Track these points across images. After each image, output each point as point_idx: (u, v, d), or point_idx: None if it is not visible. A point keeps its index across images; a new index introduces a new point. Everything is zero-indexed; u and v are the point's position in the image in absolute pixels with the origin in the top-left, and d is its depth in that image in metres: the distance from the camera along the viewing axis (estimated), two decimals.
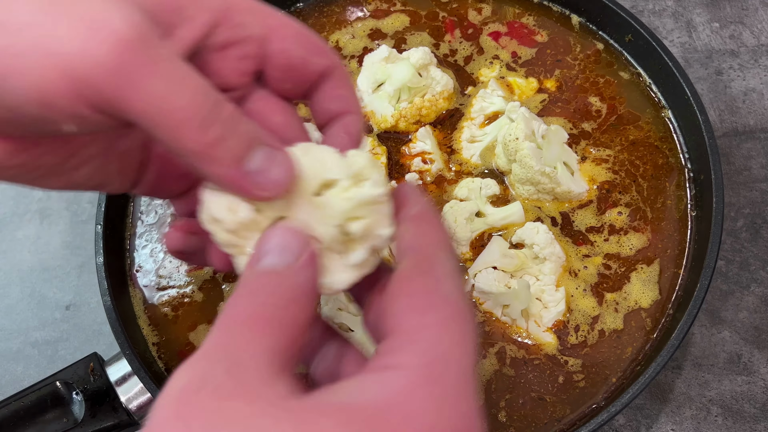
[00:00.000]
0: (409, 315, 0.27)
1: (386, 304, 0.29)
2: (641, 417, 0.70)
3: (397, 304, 0.28)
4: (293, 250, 0.30)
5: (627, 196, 0.69)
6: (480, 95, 0.74)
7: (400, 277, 0.29)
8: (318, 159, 0.32)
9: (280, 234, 0.31)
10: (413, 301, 0.28)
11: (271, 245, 0.30)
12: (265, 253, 0.30)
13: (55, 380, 0.64)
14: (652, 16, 0.94)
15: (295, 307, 0.28)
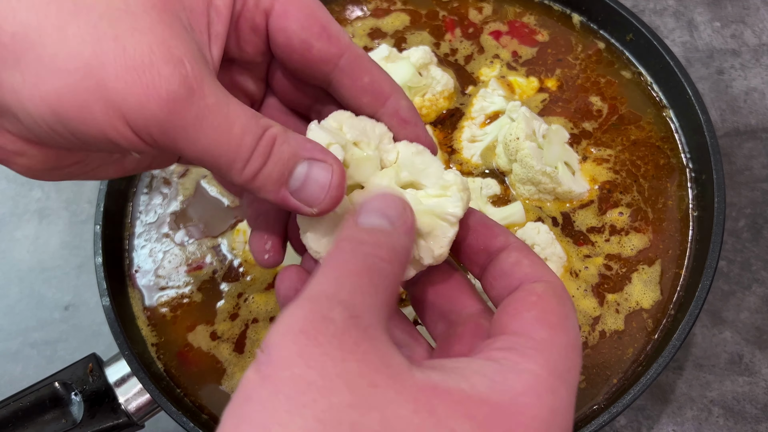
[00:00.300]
0: (542, 326, 0.29)
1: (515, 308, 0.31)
2: (642, 418, 0.70)
3: (528, 312, 0.30)
4: (396, 213, 0.31)
5: (628, 197, 0.68)
6: (480, 94, 0.74)
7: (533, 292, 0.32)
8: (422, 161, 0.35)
9: (384, 197, 0.32)
10: (547, 317, 0.30)
11: (374, 206, 0.31)
12: (369, 212, 0.31)
13: (53, 381, 0.63)
14: (654, 15, 0.93)
15: (398, 266, 0.30)
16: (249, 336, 0.66)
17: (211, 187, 0.74)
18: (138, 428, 0.65)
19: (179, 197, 0.74)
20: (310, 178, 0.33)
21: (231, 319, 0.67)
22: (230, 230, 0.71)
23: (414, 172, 0.36)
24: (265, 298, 0.67)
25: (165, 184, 0.75)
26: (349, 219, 0.32)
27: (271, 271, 0.68)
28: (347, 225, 0.31)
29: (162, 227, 0.73)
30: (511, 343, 0.29)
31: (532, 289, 0.32)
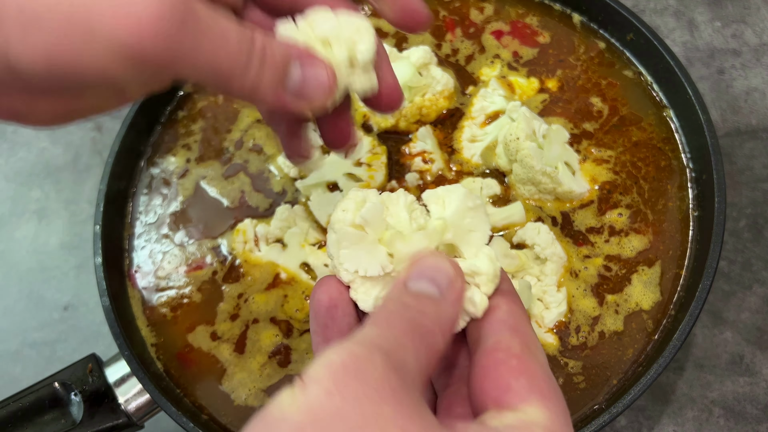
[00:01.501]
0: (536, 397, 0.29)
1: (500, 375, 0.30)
2: (643, 418, 0.70)
3: (517, 381, 0.30)
4: (447, 282, 0.32)
5: (628, 198, 0.68)
6: (481, 94, 0.73)
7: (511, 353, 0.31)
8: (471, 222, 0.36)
9: (436, 263, 0.32)
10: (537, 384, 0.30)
11: (425, 271, 0.32)
12: (419, 277, 0.32)
13: (53, 381, 0.63)
14: (654, 14, 0.93)
15: (441, 335, 0.30)
16: (249, 336, 0.66)
17: (210, 188, 0.74)
18: (138, 428, 0.65)
19: (179, 197, 0.74)
20: (307, 77, 0.34)
21: (231, 319, 0.67)
22: (230, 230, 0.71)
23: (459, 234, 0.35)
24: (265, 299, 0.67)
25: (165, 184, 0.75)
26: (399, 280, 0.32)
27: (270, 271, 0.68)
28: (396, 286, 0.32)
29: (162, 227, 0.73)
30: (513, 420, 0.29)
31: (509, 347, 0.31)
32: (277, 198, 0.73)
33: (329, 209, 0.68)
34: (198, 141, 0.77)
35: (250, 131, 0.77)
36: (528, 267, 0.64)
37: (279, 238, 0.69)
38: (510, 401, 0.29)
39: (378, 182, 0.70)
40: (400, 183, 0.70)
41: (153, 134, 0.78)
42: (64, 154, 0.94)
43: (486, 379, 0.30)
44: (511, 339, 0.32)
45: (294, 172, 0.72)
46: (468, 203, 0.35)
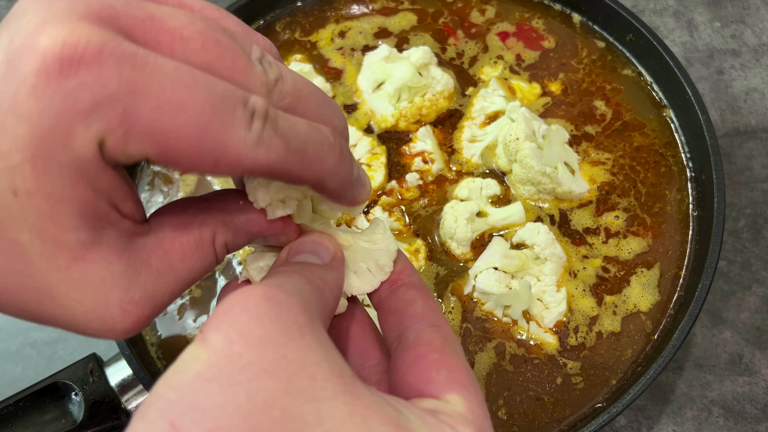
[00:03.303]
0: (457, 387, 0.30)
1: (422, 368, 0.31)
2: (642, 418, 0.70)
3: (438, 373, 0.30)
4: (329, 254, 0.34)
5: (625, 201, 0.68)
6: (481, 94, 0.74)
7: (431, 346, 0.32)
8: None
9: (314, 238, 0.35)
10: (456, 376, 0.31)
11: (306, 247, 0.34)
12: (300, 252, 0.34)
13: (54, 381, 0.63)
14: (653, 15, 0.93)
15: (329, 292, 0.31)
16: None
17: (214, 180, 0.75)
18: None
19: (180, 194, 0.74)
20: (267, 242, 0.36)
21: None
22: None
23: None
24: None
25: (166, 182, 0.76)
26: (281, 256, 0.34)
27: None
28: (279, 259, 0.34)
29: None
30: (437, 406, 0.29)
31: (429, 341, 0.32)
32: None
33: None
34: None
35: None
36: (528, 267, 0.64)
37: None
38: (431, 392, 0.30)
39: (378, 182, 0.70)
40: (400, 183, 0.71)
41: None
42: None
43: (408, 373, 0.31)
44: (431, 333, 0.32)
45: None
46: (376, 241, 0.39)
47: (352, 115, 0.76)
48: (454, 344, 0.32)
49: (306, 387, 0.23)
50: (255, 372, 0.23)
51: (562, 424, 0.60)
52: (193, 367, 0.23)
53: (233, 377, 0.23)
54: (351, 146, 0.72)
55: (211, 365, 0.23)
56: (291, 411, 0.23)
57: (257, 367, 0.23)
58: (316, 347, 0.25)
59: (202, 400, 0.22)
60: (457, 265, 0.66)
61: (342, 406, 0.24)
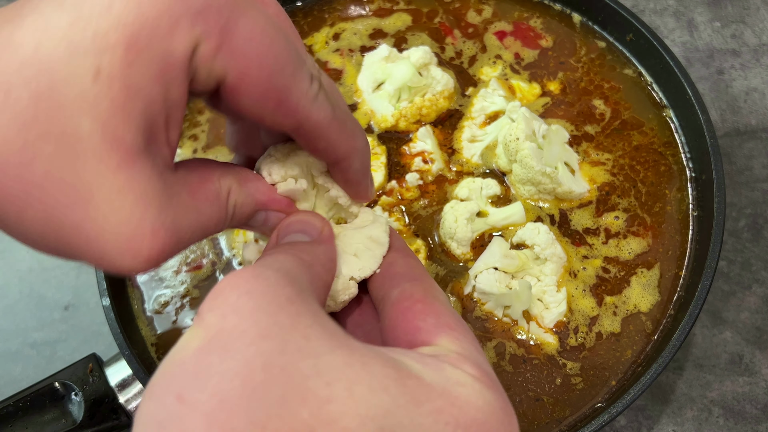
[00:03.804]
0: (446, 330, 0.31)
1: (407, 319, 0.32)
2: (642, 418, 0.70)
3: (424, 321, 0.31)
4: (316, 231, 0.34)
5: (625, 201, 0.68)
6: (481, 94, 0.74)
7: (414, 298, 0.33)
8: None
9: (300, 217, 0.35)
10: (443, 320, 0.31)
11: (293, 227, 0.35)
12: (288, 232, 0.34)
13: (53, 381, 0.63)
14: (654, 15, 0.93)
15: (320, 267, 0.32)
16: None
17: None
18: None
19: None
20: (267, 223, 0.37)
21: None
22: (230, 229, 0.71)
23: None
24: None
25: None
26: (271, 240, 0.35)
27: None
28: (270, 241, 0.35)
29: None
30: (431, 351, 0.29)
31: (411, 294, 0.33)
32: None
33: None
34: (206, 131, 0.78)
35: None
36: (528, 267, 0.64)
37: None
38: (422, 340, 0.30)
39: (378, 182, 0.70)
40: (400, 183, 0.71)
41: None
42: None
43: (396, 328, 0.32)
44: (413, 287, 0.33)
45: None
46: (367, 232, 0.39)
47: None
48: (436, 293, 0.33)
49: (301, 346, 0.24)
50: (250, 338, 0.24)
51: (562, 425, 0.60)
52: (192, 344, 0.24)
53: (230, 345, 0.24)
54: None
55: (209, 339, 0.24)
56: (289, 367, 0.23)
57: (251, 333, 0.24)
58: (306, 313, 0.26)
59: (203, 369, 0.23)
60: (457, 265, 0.66)
61: (339, 357, 0.24)
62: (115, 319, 0.64)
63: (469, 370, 0.28)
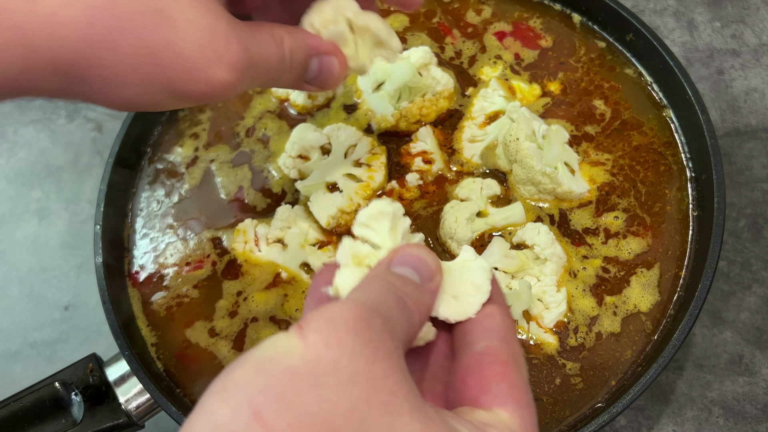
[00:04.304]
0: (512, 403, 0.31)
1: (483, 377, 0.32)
2: (642, 418, 0.70)
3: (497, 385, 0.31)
4: (428, 273, 0.34)
5: (625, 201, 0.68)
6: (481, 95, 0.74)
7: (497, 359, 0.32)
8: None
9: (419, 255, 0.34)
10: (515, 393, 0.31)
11: (408, 260, 0.34)
12: (402, 263, 0.34)
13: (53, 381, 0.63)
14: (653, 15, 0.93)
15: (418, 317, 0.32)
16: (249, 335, 0.66)
17: (218, 176, 0.75)
18: (138, 428, 0.65)
19: (185, 186, 0.75)
20: (323, 70, 0.44)
21: (230, 316, 0.67)
22: (230, 229, 0.71)
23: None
24: (264, 297, 0.67)
25: (170, 176, 0.76)
26: (382, 262, 0.34)
27: (270, 270, 0.68)
28: (380, 266, 0.34)
29: (163, 224, 0.73)
30: (487, 419, 0.30)
31: (496, 353, 0.33)
32: (274, 198, 0.73)
33: (329, 210, 0.68)
34: (206, 129, 0.78)
35: (263, 120, 0.78)
36: (528, 267, 0.64)
37: (279, 239, 0.69)
38: (486, 402, 0.31)
39: (378, 182, 0.70)
40: (400, 183, 0.71)
41: (154, 134, 0.79)
42: (64, 154, 0.94)
43: (469, 378, 0.32)
44: (501, 347, 0.33)
45: (294, 173, 0.72)
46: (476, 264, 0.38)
47: (352, 116, 0.76)
48: (519, 363, 0.33)
49: (385, 401, 0.25)
50: (344, 379, 0.24)
51: (561, 425, 0.60)
52: (286, 360, 0.24)
53: (323, 379, 0.24)
54: (351, 146, 0.72)
55: (305, 362, 0.24)
56: (369, 421, 0.24)
57: (346, 375, 0.25)
58: (399, 369, 0.27)
59: (291, 395, 0.23)
60: None
61: (415, 423, 0.25)
62: (115, 320, 0.64)
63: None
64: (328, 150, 0.72)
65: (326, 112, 0.77)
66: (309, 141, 0.71)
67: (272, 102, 0.79)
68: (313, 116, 0.77)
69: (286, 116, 0.78)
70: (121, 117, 0.76)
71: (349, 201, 0.68)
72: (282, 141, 0.75)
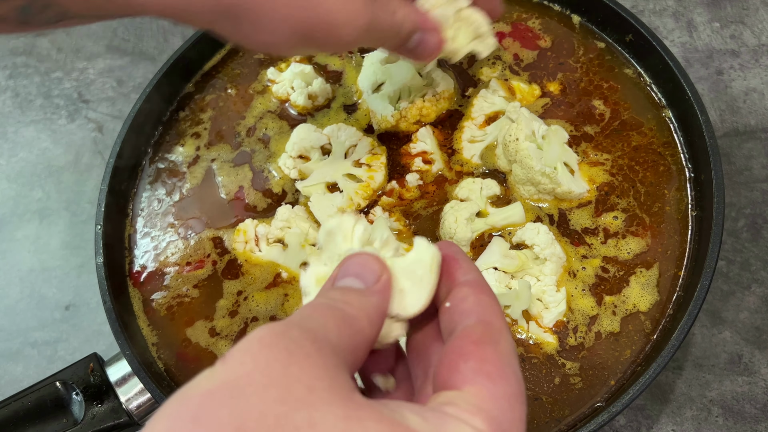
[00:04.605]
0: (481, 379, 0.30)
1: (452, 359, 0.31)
2: (642, 417, 0.70)
3: (465, 363, 0.30)
4: (373, 276, 0.34)
5: (624, 201, 0.68)
6: (481, 95, 0.74)
7: (470, 339, 0.32)
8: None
9: (361, 261, 0.35)
10: (485, 367, 0.30)
11: (351, 269, 0.34)
12: (345, 275, 0.34)
13: (54, 380, 0.64)
14: (653, 15, 0.93)
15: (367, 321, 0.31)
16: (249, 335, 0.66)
17: (219, 175, 0.75)
18: (139, 428, 0.65)
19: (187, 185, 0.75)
20: (422, 43, 0.53)
21: (230, 316, 0.67)
22: (231, 228, 0.72)
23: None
24: (265, 297, 0.67)
25: (172, 175, 0.76)
26: (328, 280, 0.35)
27: (271, 270, 0.69)
28: (325, 286, 0.34)
29: (164, 226, 0.73)
30: (451, 398, 0.29)
31: (469, 333, 0.32)
32: (275, 198, 0.73)
33: (329, 210, 0.68)
34: (208, 129, 0.78)
35: (264, 120, 0.78)
36: (527, 267, 0.65)
37: (279, 239, 0.69)
38: (454, 383, 0.30)
39: (378, 183, 0.70)
40: (400, 183, 0.71)
41: (154, 134, 0.79)
42: (65, 154, 0.94)
43: (441, 365, 0.31)
44: (475, 326, 0.32)
45: (294, 174, 0.72)
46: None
47: (352, 116, 0.76)
48: (497, 336, 0.32)
49: (301, 397, 0.25)
50: (257, 386, 0.25)
51: (561, 424, 0.60)
52: (204, 385, 0.25)
53: (237, 391, 0.25)
54: (352, 146, 0.72)
55: (222, 382, 0.25)
56: (284, 418, 0.24)
57: (260, 382, 0.25)
58: (320, 366, 0.26)
59: (203, 413, 0.24)
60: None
61: (336, 410, 0.25)
62: (115, 319, 0.64)
63: (479, 424, 0.27)
64: (329, 150, 0.72)
65: (326, 113, 0.77)
66: (309, 141, 0.71)
67: (273, 102, 0.79)
68: (314, 116, 0.77)
69: (286, 116, 0.78)
70: (121, 117, 0.76)
71: (350, 201, 0.69)
72: (282, 141, 0.75)
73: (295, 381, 0.25)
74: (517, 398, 0.30)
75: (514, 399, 0.29)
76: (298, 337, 0.27)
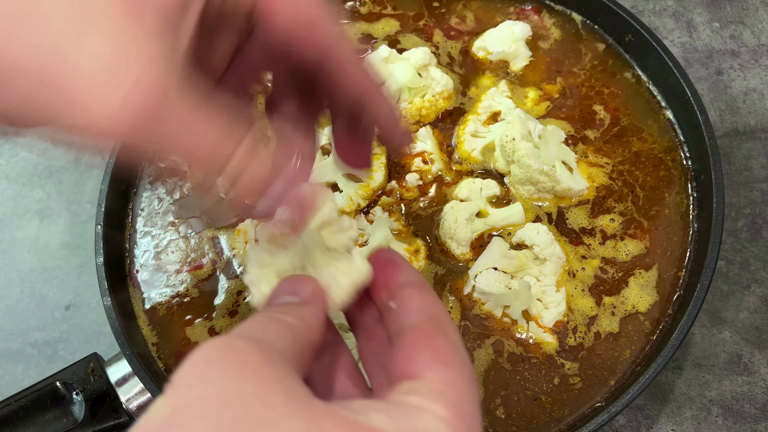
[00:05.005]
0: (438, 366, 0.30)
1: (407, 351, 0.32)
2: (642, 417, 0.70)
3: (421, 354, 0.31)
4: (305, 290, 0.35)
5: (621, 206, 0.68)
6: (490, 93, 0.73)
7: (421, 332, 0.33)
8: None
9: (293, 279, 0.36)
10: (440, 356, 0.31)
11: (285, 288, 0.35)
12: (278, 295, 0.35)
13: (55, 380, 0.64)
14: (653, 15, 0.93)
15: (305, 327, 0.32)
16: None
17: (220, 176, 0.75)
18: None
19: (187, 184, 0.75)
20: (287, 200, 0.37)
21: (230, 315, 0.67)
22: (231, 229, 0.72)
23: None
24: None
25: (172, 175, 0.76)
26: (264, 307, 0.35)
27: None
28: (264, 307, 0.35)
29: (164, 224, 0.73)
30: (412, 387, 0.29)
31: (419, 327, 0.33)
32: None
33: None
34: None
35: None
36: (527, 267, 0.65)
37: None
38: (412, 372, 0.30)
39: (378, 182, 0.70)
40: (399, 183, 0.71)
41: None
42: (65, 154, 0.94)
43: (395, 359, 0.32)
44: (422, 320, 0.33)
45: None
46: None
47: None
48: (446, 329, 0.33)
49: (260, 413, 0.24)
50: (213, 407, 0.24)
51: (561, 424, 0.60)
52: (159, 415, 0.25)
53: (193, 415, 0.24)
54: None
55: (175, 409, 0.24)
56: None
57: (215, 403, 0.24)
58: (272, 378, 0.26)
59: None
60: (457, 265, 0.67)
61: (297, 422, 0.24)
62: (116, 319, 0.64)
63: (441, 411, 0.28)
64: (328, 150, 0.72)
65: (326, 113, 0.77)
66: None
67: None
68: None
69: None
70: None
71: (350, 201, 0.69)
72: None
73: (250, 397, 0.25)
74: (471, 383, 0.31)
75: (470, 383, 0.31)
76: (244, 348, 0.27)
